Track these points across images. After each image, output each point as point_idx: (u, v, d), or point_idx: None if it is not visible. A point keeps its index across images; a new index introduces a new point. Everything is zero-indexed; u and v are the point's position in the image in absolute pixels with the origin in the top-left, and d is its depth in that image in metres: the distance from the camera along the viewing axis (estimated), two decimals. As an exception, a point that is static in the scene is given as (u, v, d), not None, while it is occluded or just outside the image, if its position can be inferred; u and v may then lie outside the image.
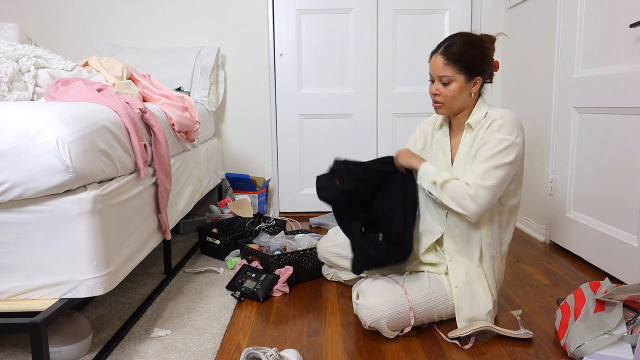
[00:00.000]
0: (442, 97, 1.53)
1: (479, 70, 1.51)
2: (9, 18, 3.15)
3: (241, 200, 2.79)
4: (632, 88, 1.82)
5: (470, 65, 1.49)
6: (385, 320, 1.47)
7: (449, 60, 1.49)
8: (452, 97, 1.52)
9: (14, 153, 1.13)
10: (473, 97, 1.54)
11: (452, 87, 1.50)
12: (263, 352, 1.28)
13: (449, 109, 1.55)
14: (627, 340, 1.29)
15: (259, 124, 3.22)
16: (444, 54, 1.50)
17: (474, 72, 1.50)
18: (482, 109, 1.54)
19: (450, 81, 1.50)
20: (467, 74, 1.50)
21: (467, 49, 1.49)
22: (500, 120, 1.47)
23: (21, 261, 1.21)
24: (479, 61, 1.50)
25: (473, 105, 1.56)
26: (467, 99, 1.54)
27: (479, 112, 1.54)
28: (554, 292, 1.87)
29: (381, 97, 3.17)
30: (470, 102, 1.55)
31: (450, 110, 1.56)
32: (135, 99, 1.65)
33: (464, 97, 1.53)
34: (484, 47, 1.51)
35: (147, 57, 2.94)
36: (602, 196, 2.05)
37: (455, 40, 1.51)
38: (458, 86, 1.50)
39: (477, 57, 1.49)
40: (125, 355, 1.44)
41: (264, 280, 1.85)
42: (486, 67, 1.52)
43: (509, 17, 2.99)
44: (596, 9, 2.07)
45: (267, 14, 3.11)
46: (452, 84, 1.50)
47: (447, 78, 1.50)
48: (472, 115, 1.54)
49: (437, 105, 1.56)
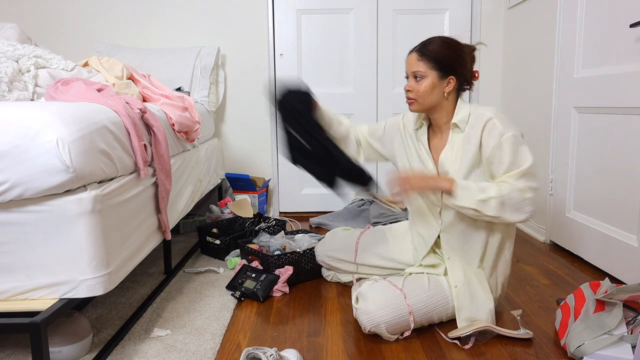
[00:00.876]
0: (414, 93, 1.54)
1: (452, 69, 1.52)
2: (9, 18, 3.15)
3: (241, 200, 2.79)
4: (632, 88, 1.82)
5: (443, 63, 1.51)
6: (384, 325, 1.47)
7: (422, 56, 1.52)
8: (424, 93, 1.53)
9: (14, 153, 1.13)
10: (446, 97, 1.54)
11: (425, 82, 1.52)
12: (263, 352, 1.28)
13: (421, 105, 1.56)
14: (627, 340, 1.29)
15: (259, 124, 3.22)
16: (418, 51, 1.54)
17: (447, 71, 1.52)
18: (464, 109, 1.55)
19: (423, 77, 1.52)
20: (439, 72, 1.52)
21: (441, 47, 1.51)
22: (497, 119, 1.48)
23: (21, 261, 1.21)
24: (452, 61, 1.51)
25: (452, 106, 1.57)
26: (440, 98, 1.54)
27: (462, 111, 1.55)
28: (554, 292, 1.87)
29: (381, 97, 3.17)
30: (444, 102, 1.55)
31: (422, 107, 1.57)
32: (135, 99, 1.65)
33: (437, 94, 1.54)
34: (459, 50, 1.53)
35: (147, 57, 2.94)
36: (602, 196, 2.05)
37: (431, 40, 1.54)
38: (431, 82, 1.52)
39: (451, 56, 1.51)
40: (125, 355, 1.44)
41: (264, 280, 1.85)
42: (460, 69, 1.53)
43: (509, 17, 2.99)
44: (596, 9, 2.07)
45: (267, 14, 3.11)
46: (424, 79, 1.52)
47: (420, 73, 1.52)
48: (456, 114, 1.55)
49: (410, 102, 1.57)
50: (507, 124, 1.48)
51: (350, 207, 3.00)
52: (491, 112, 1.50)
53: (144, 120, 1.62)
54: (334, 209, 3.21)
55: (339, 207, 3.20)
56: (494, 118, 1.48)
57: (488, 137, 1.48)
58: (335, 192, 1.57)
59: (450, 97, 1.56)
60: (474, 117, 1.53)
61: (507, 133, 1.46)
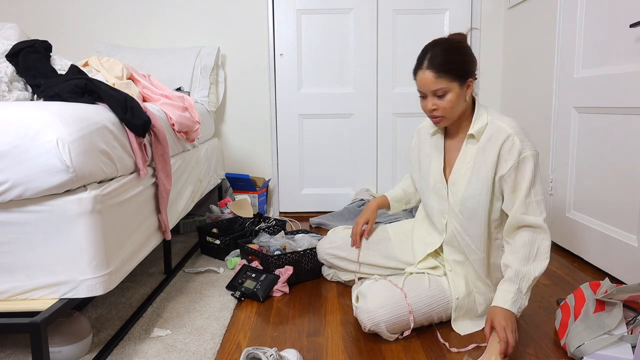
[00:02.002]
0: (440, 110, 1.46)
1: (468, 72, 1.46)
2: (9, 18, 3.15)
3: (241, 200, 2.79)
4: (632, 88, 1.82)
5: (460, 70, 1.44)
6: (384, 325, 1.47)
7: (439, 72, 1.42)
8: (451, 108, 1.45)
9: (14, 153, 1.13)
10: (468, 100, 1.50)
11: (449, 97, 1.44)
12: (263, 352, 1.28)
13: (450, 120, 1.49)
14: (627, 340, 1.29)
15: (259, 124, 3.22)
16: (431, 68, 1.43)
17: (465, 76, 1.45)
18: (482, 118, 1.50)
19: (446, 92, 1.44)
20: (459, 80, 1.44)
21: (451, 55, 1.44)
22: (517, 136, 1.43)
23: (21, 261, 1.21)
24: (466, 63, 1.45)
25: (470, 109, 1.53)
26: (463, 105, 1.49)
27: (480, 121, 1.50)
28: (554, 292, 1.87)
29: (381, 97, 3.17)
30: (466, 106, 1.51)
31: (451, 121, 1.51)
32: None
33: (462, 103, 1.47)
34: (464, 48, 1.47)
35: (147, 57, 2.94)
36: (602, 196, 2.05)
37: (436, 51, 1.44)
38: (455, 95, 1.44)
39: (463, 59, 1.45)
40: (125, 355, 1.44)
41: (264, 280, 1.85)
42: (474, 67, 1.48)
43: (509, 17, 2.99)
44: (596, 9, 2.07)
45: (267, 14, 3.11)
46: (448, 94, 1.44)
47: (442, 90, 1.43)
48: (473, 124, 1.50)
49: (437, 120, 1.49)
50: (527, 141, 1.43)
51: (350, 207, 3.00)
52: (512, 127, 1.44)
53: (144, 120, 1.61)
54: (334, 209, 3.21)
55: (339, 207, 3.21)
56: (514, 135, 1.43)
57: (507, 155, 1.44)
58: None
59: (469, 100, 1.52)
60: (492, 128, 1.47)
61: (526, 152, 1.42)
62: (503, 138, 1.45)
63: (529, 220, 1.43)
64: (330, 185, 3.25)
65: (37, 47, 1.69)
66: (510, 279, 1.42)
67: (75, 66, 1.71)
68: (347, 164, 3.23)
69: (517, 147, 1.42)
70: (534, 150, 1.44)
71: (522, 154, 1.42)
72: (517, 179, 1.44)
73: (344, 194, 3.24)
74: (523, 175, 1.43)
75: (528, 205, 1.43)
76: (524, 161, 1.42)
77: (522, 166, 1.43)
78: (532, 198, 1.43)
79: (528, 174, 1.42)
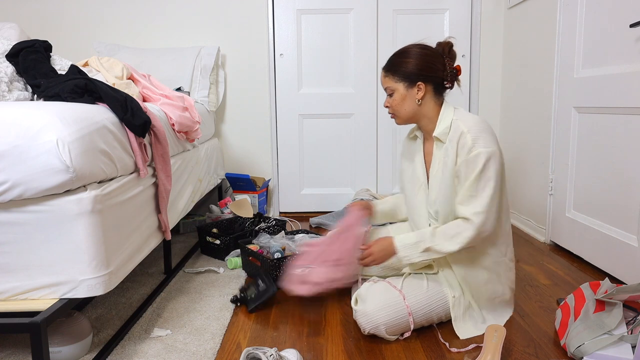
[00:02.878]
0: (391, 108, 1.58)
1: (418, 76, 1.51)
2: (9, 18, 3.15)
3: (241, 200, 2.79)
4: (632, 88, 1.82)
5: (407, 73, 1.51)
6: (384, 327, 1.47)
7: (387, 72, 1.56)
8: (397, 106, 1.56)
9: (14, 153, 1.13)
10: (419, 103, 1.53)
11: (395, 96, 1.55)
12: (263, 352, 1.28)
13: (401, 118, 1.58)
14: (627, 340, 1.29)
15: (259, 124, 3.22)
16: (384, 68, 1.58)
17: (413, 79, 1.51)
18: (447, 117, 1.52)
19: (393, 91, 1.55)
20: (405, 81, 1.52)
21: (402, 58, 1.53)
22: (469, 133, 1.44)
23: (21, 261, 1.21)
24: (416, 68, 1.50)
25: (434, 112, 1.55)
26: (414, 106, 1.54)
27: (444, 121, 1.52)
28: (554, 292, 1.87)
29: (381, 97, 3.16)
30: (422, 109, 1.54)
31: (403, 120, 1.58)
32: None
33: (410, 104, 1.54)
34: (424, 55, 1.51)
35: (147, 57, 2.94)
36: (602, 196, 2.05)
37: (398, 52, 1.56)
38: (400, 95, 1.54)
39: (414, 64, 1.50)
40: (125, 355, 1.44)
41: (261, 292, 1.76)
42: (428, 72, 1.51)
43: (509, 17, 2.99)
44: (596, 9, 2.07)
45: (267, 14, 3.11)
46: (394, 93, 1.55)
47: (390, 89, 1.56)
48: (438, 126, 1.53)
49: (392, 117, 1.61)
50: (484, 142, 1.43)
51: (350, 207, 3.00)
52: (467, 125, 1.46)
53: (144, 120, 1.61)
54: (334, 209, 3.21)
55: (339, 207, 3.21)
56: (467, 133, 1.45)
57: (460, 151, 1.46)
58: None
59: (427, 103, 1.54)
60: (454, 128, 1.49)
61: (476, 150, 1.42)
62: (458, 136, 1.48)
63: (461, 211, 1.46)
64: (330, 185, 3.25)
65: (37, 47, 1.69)
66: (421, 233, 1.50)
67: (75, 66, 1.71)
68: (347, 164, 3.23)
69: (468, 144, 1.44)
70: (490, 148, 1.43)
71: (472, 151, 1.43)
72: (465, 173, 1.45)
73: (344, 194, 3.24)
74: (471, 170, 1.43)
75: (468, 199, 1.45)
76: (475, 158, 1.43)
77: (472, 162, 1.43)
78: (474, 193, 1.44)
79: (476, 170, 1.43)
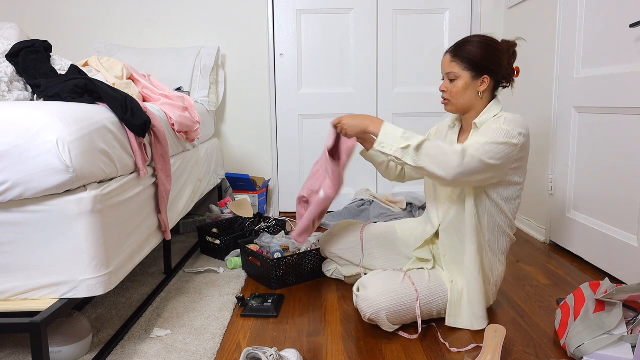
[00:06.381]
0: (448, 93, 1.56)
1: (486, 69, 1.51)
2: (9, 18, 3.15)
3: (241, 200, 2.79)
4: (632, 88, 1.82)
5: (476, 63, 1.50)
6: (385, 312, 1.46)
7: (455, 57, 1.53)
8: (457, 94, 1.54)
9: (14, 153, 1.13)
10: (481, 96, 1.54)
11: (458, 83, 1.53)
12: (263, 352, 1.28)
13: (455, 106, 1.57)
14: (627, 340, 1.29)
15: (259, 124, 3.22)
16: (452, 52, 1.54)
17: (481, 71, 1.51)
18: (493, 111, 1.53)
19: (456, 77, 1.53)
20: (472, 72, 1.51)
21: (475, 47, 1.51)
22: (506, 118, 1.46)
23: (21, 261, 1.21)
24: (486, 60, 1.50)
25: (484, 106, 1.56)
26: (474, 98, 1.54)
27: (489, 113, 1.53)
28: (554, 292, 1.87)
29: (381, 97, 3.17)
30: (478, 102, 1.55)
31: (456, 108, 1.57)
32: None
33: (470, 95, 1.53)
34: (494, 49, 1.51)
35: (147, 57, 2.94)
36: (602, 196, 2.05)
37: (466, 40, 1.54)
38: (464, 83, 1.52)
39: (485, 55, 1.50)
40: (125, 355, 1.44)
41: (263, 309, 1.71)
42: (495, 68, 1.51)
43: (509, 17, 2.99)
44: (596, 9, 2.07)
45: (267, 14, 3.11)
46: (457, 80, 1.53)
47: (453, 74, 1.53)
48: (481, 115, 1.54)
49: (445, 102, 1.59)
50: (514, 125, 1.43)
51: (350, 207, 3.00)
52: (513, 115, 1.47)
53: (144, 120, 1.61)
54: (334, 209, 3.21)
55: (339, 207, 3.21)
56: (502, 117, 1.47)
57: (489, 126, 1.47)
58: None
59: (485, 97, 1.55)
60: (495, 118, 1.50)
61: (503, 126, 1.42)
62: (492, 120, 1.48)
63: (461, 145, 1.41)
64: (330, 185, 3.25)
65: (37, 47, 1.69)
66: (413, 135, 1.40)
67: (75, 66, 1.71)
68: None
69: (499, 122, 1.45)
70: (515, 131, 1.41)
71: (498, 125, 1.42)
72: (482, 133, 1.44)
73: (343, 194, 3.23)
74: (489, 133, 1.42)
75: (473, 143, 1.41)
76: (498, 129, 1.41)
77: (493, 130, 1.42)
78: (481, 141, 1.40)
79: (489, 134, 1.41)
